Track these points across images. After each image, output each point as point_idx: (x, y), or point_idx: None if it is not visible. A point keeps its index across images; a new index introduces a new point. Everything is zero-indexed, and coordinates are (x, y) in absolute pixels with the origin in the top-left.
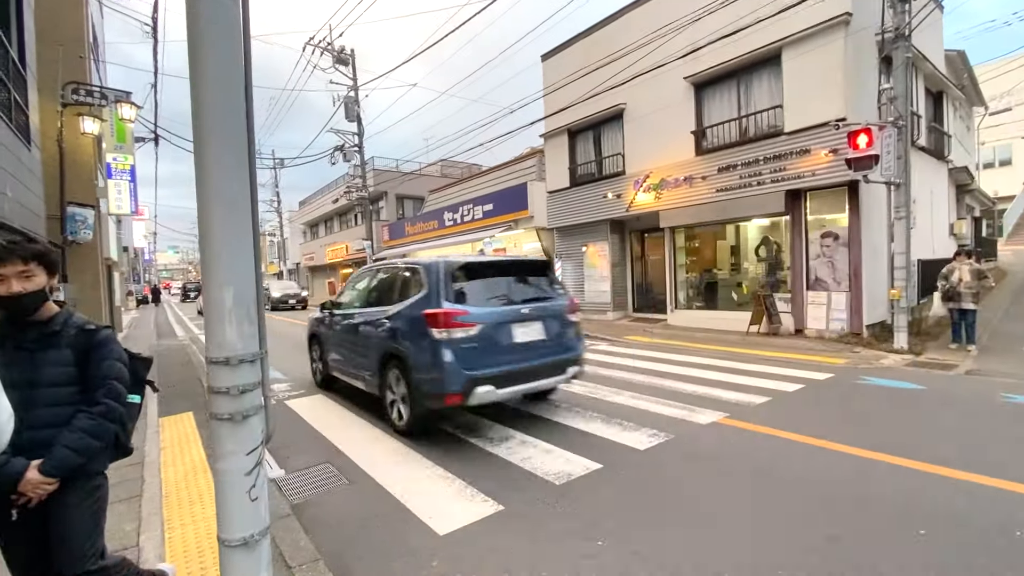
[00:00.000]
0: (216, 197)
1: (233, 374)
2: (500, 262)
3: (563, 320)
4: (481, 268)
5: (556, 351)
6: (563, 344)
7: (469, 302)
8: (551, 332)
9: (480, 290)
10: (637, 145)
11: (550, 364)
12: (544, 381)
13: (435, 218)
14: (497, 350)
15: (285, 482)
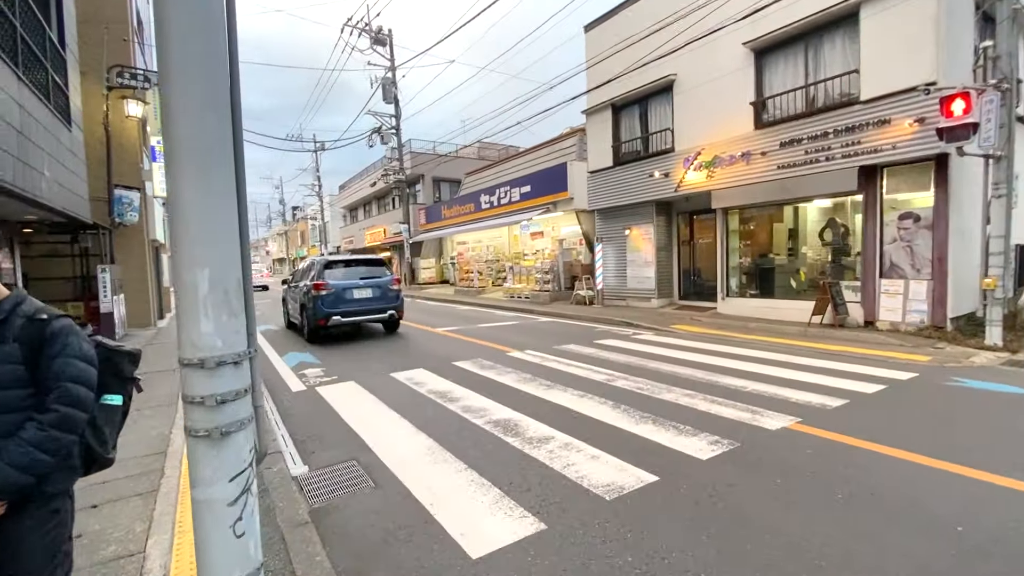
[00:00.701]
0: (185, 149)
1: (210, 380)
2: (353, 259)
3: (386, 288)
4: (340, 262)
5: (380, 302)
6: (385, 299)
7: (331, 277)
8: (376, 294)
9: (338, 272)
10: (688, 119)
11: (375, 309)
12: (369, 317)
13: (471, 201)
14: (343, 301)
15: (307, 481)
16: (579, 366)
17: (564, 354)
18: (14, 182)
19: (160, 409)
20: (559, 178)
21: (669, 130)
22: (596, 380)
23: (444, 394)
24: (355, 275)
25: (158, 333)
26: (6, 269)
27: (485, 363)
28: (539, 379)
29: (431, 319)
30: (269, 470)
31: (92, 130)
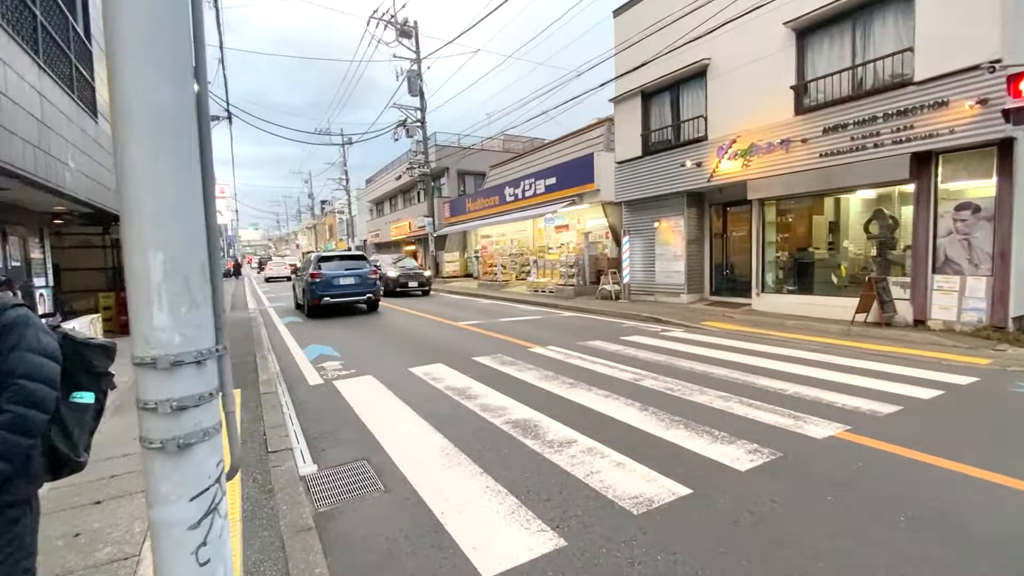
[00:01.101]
0: (135, 108)
1: (164, 382)
2: (341, 254)
3: (365, 277)
4: (330, 257)
5: (360, 287)
6: (364, 285)
7: (323, 268)
8: (358, 281)
9: (330, 264)
10: (722, 105)
11: (357, 292)
12: (352, 299)
13: (496, 194)
14: (332, 287)
15: (315, 481)
16: (604, 364)
17: (588, 351)
18: (35, 172)
19: None
20: (585, 169)
21: (702, 117)
22: (622, 379)
23: (462, 391)
24: (342, 267)
25: None
26: (36, 259)
27: (506, 359)
28: (561, 377)
29: (453, 312)
30: (277, 468)
31: None
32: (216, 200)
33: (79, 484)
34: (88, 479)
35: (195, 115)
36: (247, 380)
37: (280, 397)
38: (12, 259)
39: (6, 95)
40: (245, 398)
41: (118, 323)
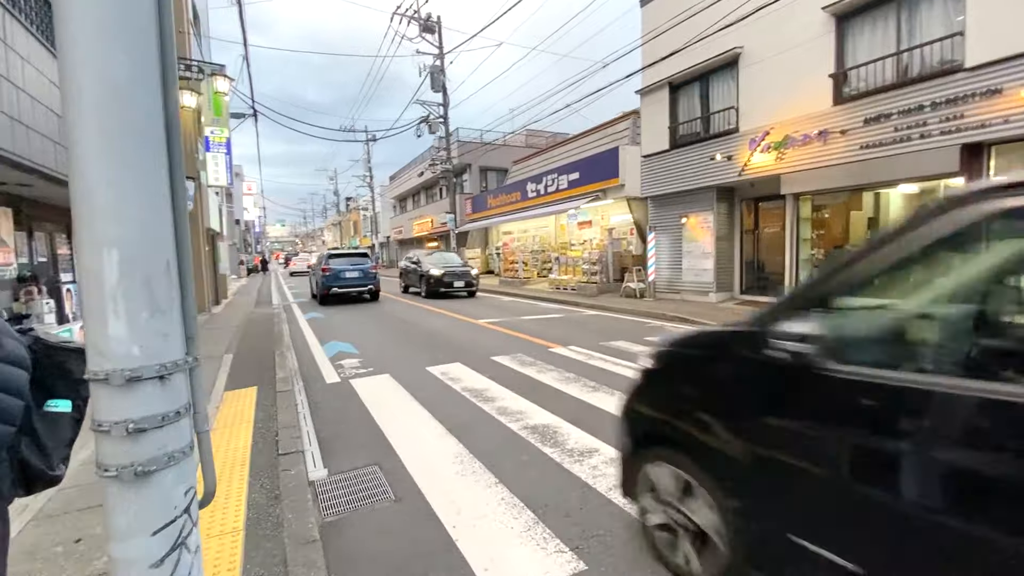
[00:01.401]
0: (83, 77)
1: (120, 400)
2: (347, 252)
3: (367, 271)
4: (338, 254)
5: (362, 280)
6: (366, 278)
7: (332, 264)
8: (360, 274)
9: (338, 260)
10: (755, 96)
11: (359, 284)
12: (356, 289)
13: (518, 190)
14: (339, 279)
15: (324, 488)
16: (629, 366)
17: (612, 352)
18: (56, 168)
19: None
20: (610, 164)
21: (733, 109)
22: None
23: (479, 392)
24: (348, 263)
25: (210, 319)
26: (64, 255)
27: (525, 359)
28: (583, 379)
29: (473, 309)
30: (286, 472)
31: None
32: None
33: (85, 486)
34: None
35: (160, 90)
36: (265, 377)
37: (296, 396)
38: (38, 255)
39: (25, 91)
40: (261, 396)
41: None
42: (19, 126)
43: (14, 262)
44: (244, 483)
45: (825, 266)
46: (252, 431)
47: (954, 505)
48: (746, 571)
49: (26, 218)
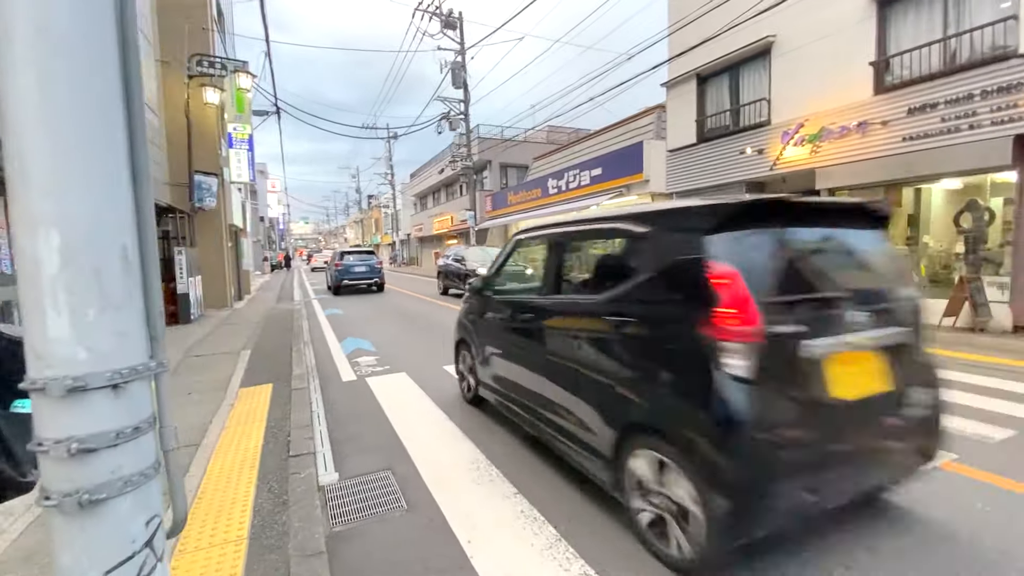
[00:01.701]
0: (17, 20)
1: (61, 414)
2: (356, 250)
3: (372, 266)
4: (348, 252)
5: (369, 274)
6: (372, 272)
7: (344, 260)
8: (367, 269)
9: (349, 256)
10: (788, 87)
11: (366, 277)
12: (364, 282)
13: (538, 186)
14: (349, 273)
15: (334, 493)
16: None
17: None
18: None
19: (210, 393)
20: (634, 159)
21: (764, 100)
22: None
23: None
24: (357, 259)
25: (232, 314)
26: None
27: None
28: None
29: None
30: (296, 476)
31: (175, 118)
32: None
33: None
34: None
35: (116, 43)
36: (281, 374)
37: (311, 394)
38: None
39: None
40: (276, 394)
41: (166, 312)
42: None
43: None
44: (252, 487)
45: (492, 264)
46: (264, 431)
47: (522, 331)
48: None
49: None
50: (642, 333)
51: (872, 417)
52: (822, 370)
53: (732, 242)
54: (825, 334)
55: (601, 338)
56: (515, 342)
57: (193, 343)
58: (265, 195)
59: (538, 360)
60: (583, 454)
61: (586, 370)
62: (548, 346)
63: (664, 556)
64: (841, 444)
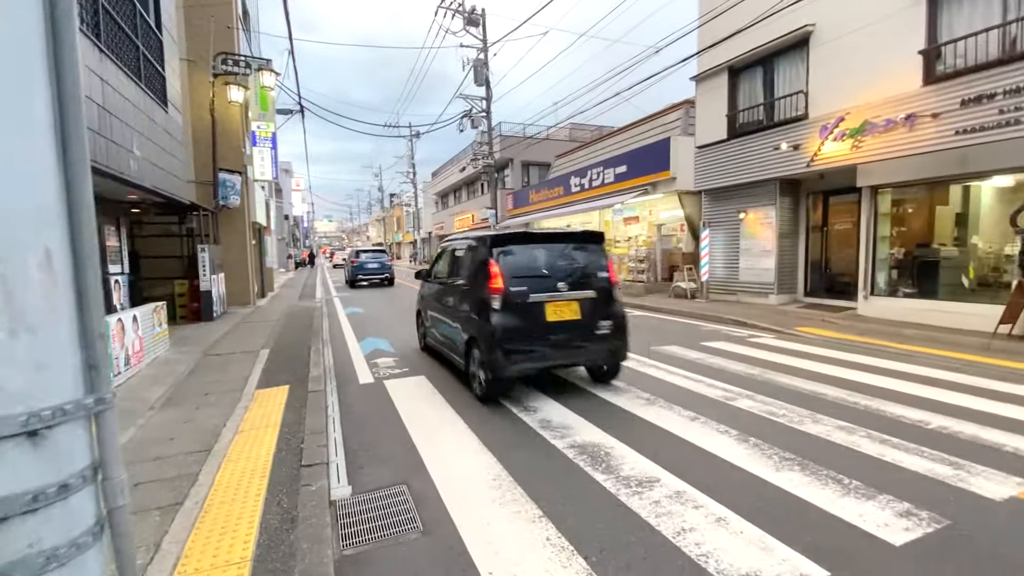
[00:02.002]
0: None
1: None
2: (371, 248)
3: (383, 263)
4: (364, 250)
5: (380, 270)
6: (383, 268)
7: (358, 258)
8: (378, 265)
9: (364, 254)
10: (828, 78)
11: (378, 272)
12: (376, 277)
13: (560, 184)
14: (363, 269)
15: (345, 509)
16: (685, 375)
17: (664, 358)
18: (94, 158)
19: (226, 395)
20: (660, 155)
21: (802, 93)
22: (710, 397)
23: (520, 400)
24: (370, 257)
25: (254, 311)
26: (112, 247)
27: None
28: (634, 389)
29: None
30: (307, 488)
31: (200, 116)
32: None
33: None
34: None
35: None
36: (298, 375)
37: (327, 397)
38: None
39: None
40: (292, 396)
41: (189, 309)
42: None
43: None
44: (260, 501)
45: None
46: (277, 436)
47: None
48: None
49: None
50: (470, 291)
51: (569, 330)
52: (543, 308)
53: (499, 252)
54: (543, 292)
55: (460, 295)
56: (437, 304)
57: (213, 341)
58: (290, 194)
59: (443, 312)
60: (455, 353)
61: (457, 313)
62: (444, 303)
63: (474, 392)
64: (550, 339)
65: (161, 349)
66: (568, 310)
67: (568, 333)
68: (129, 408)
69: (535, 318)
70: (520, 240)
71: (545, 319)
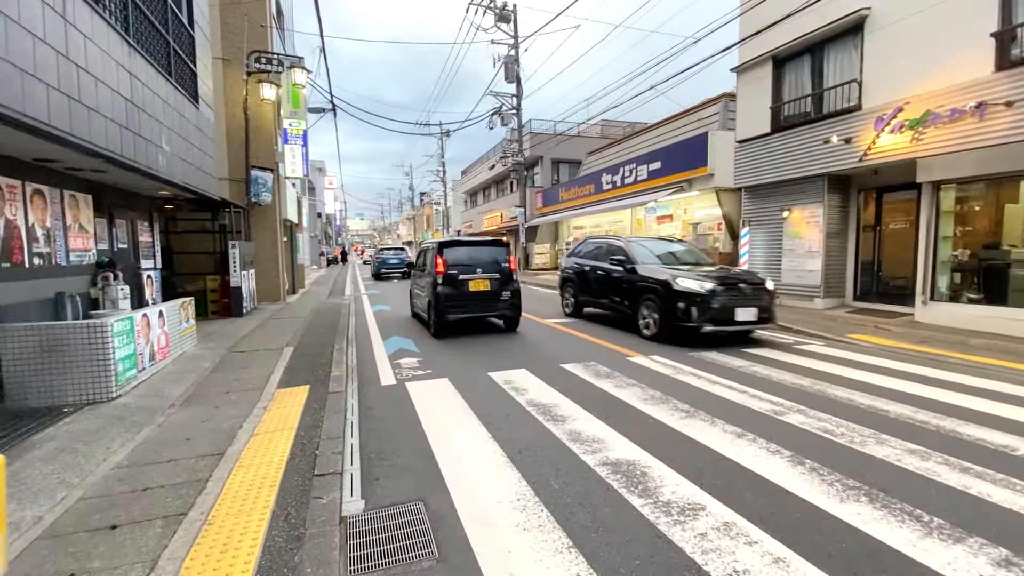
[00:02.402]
0: None
1: None
2: (392, 247)
3: (403, 259)
4: (386, 248)
5: (400, 265)
6: (401, 265)
7: (381, 255)
8: (399, 261)
9: (385, 252)
10: (884, 66)
11: (398, 267)
12: (396, 271)
13: (591, 182)
14: (385, 264)
15: (356, 527)
16: (727, 385)
17: (703, 364)
18: (121, 152)
19: (247, 394)
20: (697, 151)
21: (855, 82)
22: (757, 410)
23: (547, 409)
24: (391, 254)
25: (283, 308)
26: (145, 242)
27: (600, 369)
28: (672, 399)
29: (540, 307)
30: (317, 501)
31: (234, 115)
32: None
33: (98, 498)
34: (118, 490)
35: None
36: (320, 375)
37: (347, 399)
38: (119, 241)
39: (85, 69)
40: (311, 397)
41: (220, 305)
42: (79, 106)
43: (93, 248)
44: (266, 514)
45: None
46: (292, 441)
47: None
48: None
49: (108, 205)
50: (429, 274)
51: (482, 296)
52: (468, 283)
53: (444, 250)
54: (468, 275)
55: (424, 276)
56: (417, 284)
57: (240, 338)
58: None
59: (419, 288)
60: (423, 311)
61: (424, 287)
62: (419, 283)
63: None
64: (470, 303)
65: (188, 344)
66: (483, 284)
67: (482, 298)
68: (149, 406)
69: (462, 289)
70: (457, 244)
71: (469, 289)
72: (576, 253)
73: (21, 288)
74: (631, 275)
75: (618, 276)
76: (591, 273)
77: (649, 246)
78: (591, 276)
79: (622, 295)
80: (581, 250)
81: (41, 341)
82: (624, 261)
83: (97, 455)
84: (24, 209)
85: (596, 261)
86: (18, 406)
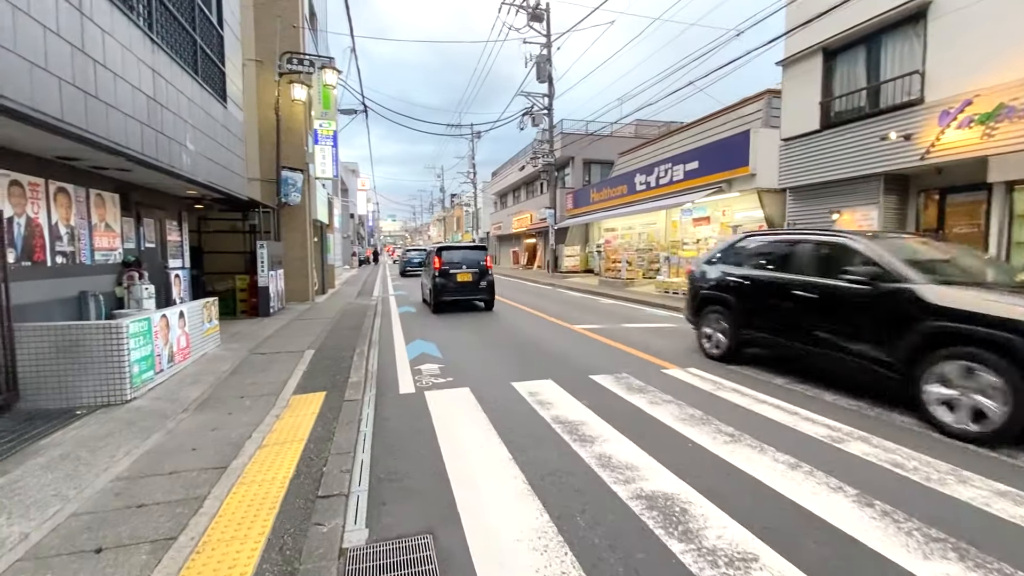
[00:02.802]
0: None
1: None
2: (418, 248)
3: (424, 259)
4: (412, 249)
5: (421, 266)
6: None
7: (407, 255)
8: (420, 261)
9: (411, 253)
10: (950, 56)
11: (421, 266)
12: (419, 270)
13: (624, 183)
14: (411, 264)
15: (356, 562)
16: (775, 405)
17: (745, 379)
18: (142, 150)
19: (262, 399)
20: (738, 150)
21: (916, 74)
22: (811, 436)
23: (574, 427)
24: (415, 254)
25: (311, 308)
26: (173, 242)
27: (633, 383)
28: (714, 421)
29: (569, 312)
30: (317, 529)
31: (266, 116)
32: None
33: (90, 515)
34: (112, 506)
35: None
36: (337, 380)
37: (362, 409)
38: (146, 240)
39: (103, 64)
40: (326, 406)
41: (249, 304)
42: (95, 102)
43: (119, 247)
44: (261, 542)
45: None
46: (300, 455)
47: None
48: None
49: (135, 204)
50: (430, 268)
51: (466, 284)
52: (456, 275)
53: (441, 252)
54: (456, 269)
55: (427, 270)
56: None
57: (263, 339)
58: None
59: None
60: (427, 299)
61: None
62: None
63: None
64: (458, 288)
65: (211, 345)
66: (467, 276)
67: (466, 286)
68: (162, 410)
69: (453, 279)
70: (450, 248)
71: (457, 280)
72: (728, 258)
73: (43, 287)
74: (908, 304)
75: (861, 303)
76: (775, 292)
77: (905, 248)
78: (774, 298)
79: (869, 339)
80: (744, 251)
81: (56, 341)
82: (877, 276)
83: (99, 464)
84: (47, 207)
85: (785, 273)
86: (32, 407)
